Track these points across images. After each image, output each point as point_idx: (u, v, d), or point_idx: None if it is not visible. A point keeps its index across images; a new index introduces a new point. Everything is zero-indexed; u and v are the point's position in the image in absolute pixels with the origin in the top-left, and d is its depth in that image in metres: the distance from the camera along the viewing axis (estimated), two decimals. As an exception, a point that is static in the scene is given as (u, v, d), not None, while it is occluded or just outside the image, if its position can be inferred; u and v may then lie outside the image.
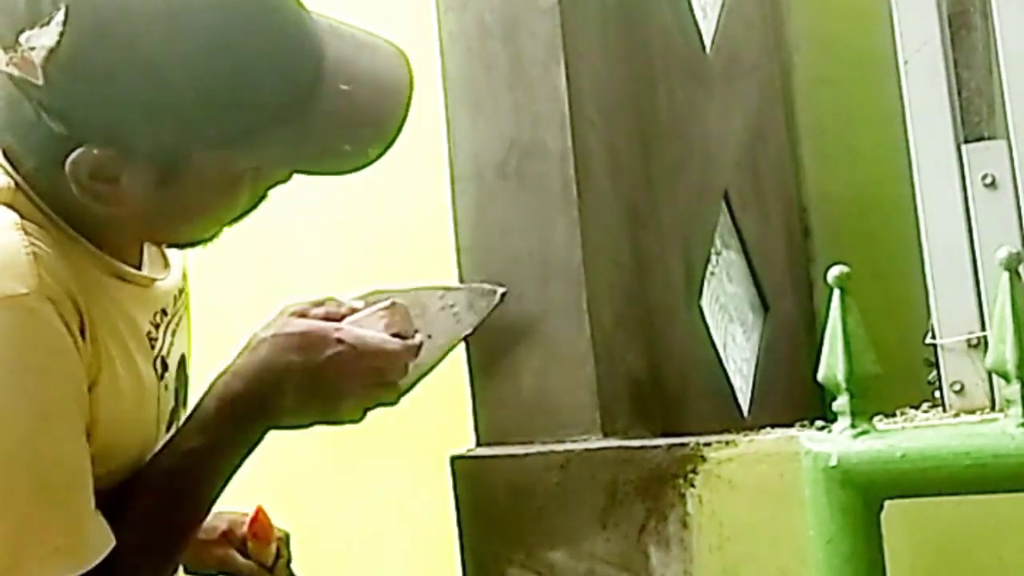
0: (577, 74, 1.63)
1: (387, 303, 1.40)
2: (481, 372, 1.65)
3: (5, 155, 1.27)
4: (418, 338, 1.41)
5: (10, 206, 1.25)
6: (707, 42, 2.03)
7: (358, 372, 1.36)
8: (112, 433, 1.28)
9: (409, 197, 2.10)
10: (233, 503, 1.44)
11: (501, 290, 1.61)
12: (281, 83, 1.25)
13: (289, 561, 1.59)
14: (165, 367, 1.38)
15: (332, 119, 1.28)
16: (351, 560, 2.18)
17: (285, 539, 1.59)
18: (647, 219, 1.78)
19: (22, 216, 1.25)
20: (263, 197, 1.35)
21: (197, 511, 1.35)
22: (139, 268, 1.37)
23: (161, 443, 1.36)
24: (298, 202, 2.15)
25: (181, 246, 1.41)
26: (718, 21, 2.07)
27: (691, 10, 1.99)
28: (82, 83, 1.21)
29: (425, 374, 1.54)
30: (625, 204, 1.72)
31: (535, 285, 1.62)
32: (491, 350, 1.64)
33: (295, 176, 1.33)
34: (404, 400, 1.42)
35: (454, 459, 1.63)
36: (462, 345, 1.64)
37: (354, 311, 1.41)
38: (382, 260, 2.13)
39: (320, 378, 1.34)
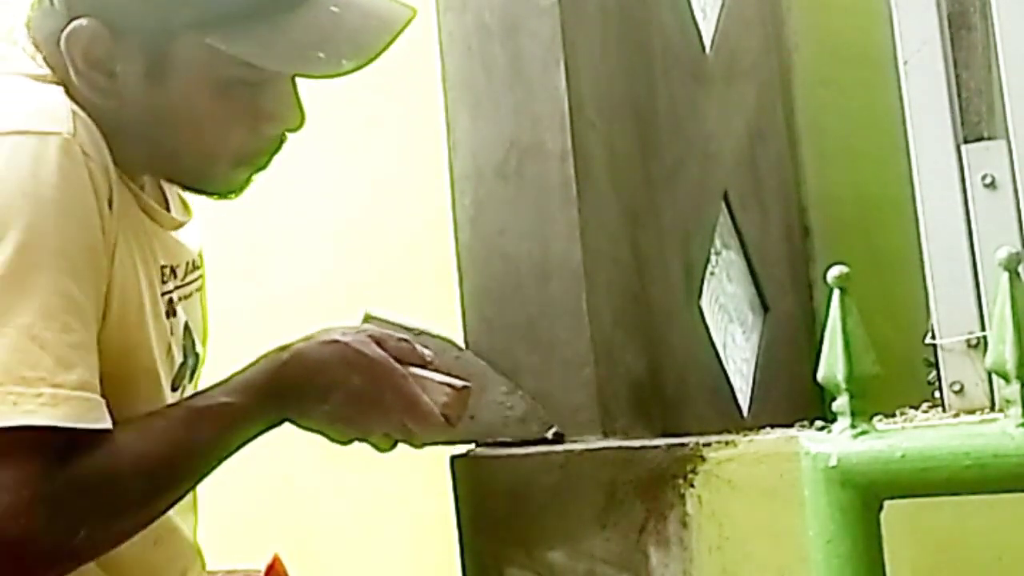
0: (577, 74, 1.63)
1: (461, 385, 1.38)
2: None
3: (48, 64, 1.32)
4: (464, 418, 1.41)
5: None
6: (707, 42, 2.03)
7: (396, 421, 1.36)
8: (119, 354, 1.28)
9: (409, 197, 2.10)
10: (234, 504, 1.44)
11: (554, 431, 1.60)
12: None
13: None
14: (173, 311, 1.39)
15: (313, 30, 1.30)
16: (351, 560, 2.18)
17: None
18: (647, 219, 1.78)
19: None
20: (279, 145, 1.36)
21: (197, 462, 1.32)
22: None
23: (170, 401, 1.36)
24: (297, 202, 2.16)
25: (206, 193, 1.40)
26: (718, 21, 2.07)
27: (691, 10, 1.99)
28: None
29: (448, 442, 1.55)
30: (625, 204, 1.72)
31: (535, 285, 1.62)
32: (491, 350, 1.64)
33: (294, 179, 1.34)
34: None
35: (454, 459, 1.63)
36: (461, 346, 1.64)
37: (425, 363, 1.39)
38: (382, 260, 2.13)
39: (364, 409, 1.35)
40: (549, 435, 1.60)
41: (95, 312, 1.23)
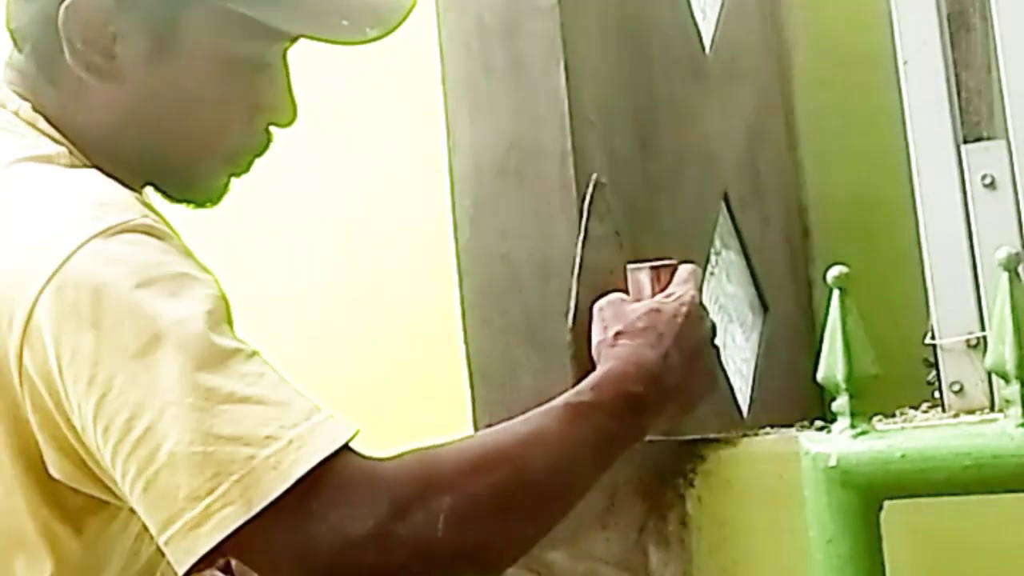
0: (577, 74, 1.63)
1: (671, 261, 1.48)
2: (481, 372, 1.65)
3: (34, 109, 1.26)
4: None
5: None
6: (707, 42, 2.03)
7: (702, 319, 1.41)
8: None
9: (409, 197, 2.10)
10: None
11: None
12: None
13: None
14: None
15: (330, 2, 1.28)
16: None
17: None
18: (647, 219, 1.78)
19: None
20: (266, 144, 1.33)
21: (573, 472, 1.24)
22: None
23: None
24: (297, 202, 2.15)
25: (185, 200, 1.35)
26: (718, 21, 2.06)
27: (691, 10, 1.99)
28: None
29: None
30: (625, 204, 1.72)
31: (535, 285, 1.62)
32: (491, 350, 1.64)
33: (293, 179, 1.33)
34: (404, 400, 1.42)
35: (454, 459, 1.63)
36: (461, 346, 1.64)
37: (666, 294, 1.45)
38: (382, 260, 2.13)
39: (692, 338, 1.38)
40: None
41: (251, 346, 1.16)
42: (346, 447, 1.11)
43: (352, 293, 2.07)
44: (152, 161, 1.30)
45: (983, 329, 1.47)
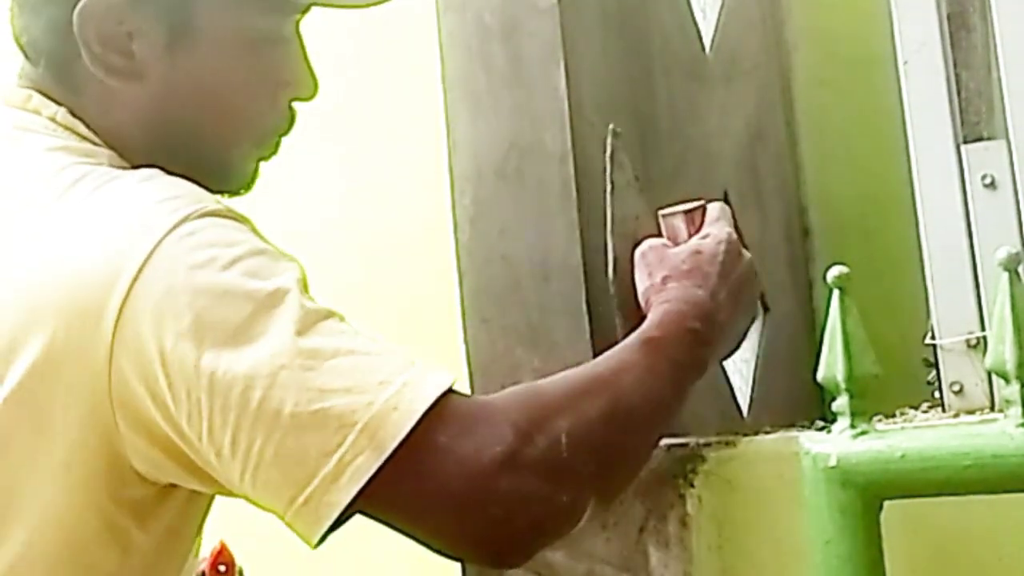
0: (577, 74, 1.63)
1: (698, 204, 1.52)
2: (480, 372, 1.65)
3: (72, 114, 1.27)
4: None
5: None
6: (707, 42, 2.03)
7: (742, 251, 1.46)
8: None
9: (409, 197, 2.10)
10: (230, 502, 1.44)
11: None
12: None
13: None
14: None
15: None
16: (351, 559, 2.18)
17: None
18: (647, 219, 1.78)
19: None
20: (291, 122, 1.34)
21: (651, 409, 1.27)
22: None
23: None
24: (296, 201, 2.16)
25: (220, 189, 1.35)
26: (718, 21, 2.07)
27: (691, 10, 1.99)
28: None
29: None
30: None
31: (535, 285, 1.62)
32: (491, 350, 1.64)
33: (293, 179, 1.34)
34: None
35: (454, 459, 1.62)
36: (461, 346, 1.64)
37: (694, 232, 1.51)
38: (381, 260, 2.13)
39: (735, 275, 1.43)
40: None
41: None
42: (452, 389, 1.13)
43: (352, 292, 2.06)
44: (186, 154, 1.30)
45: (983, 329, 1.47)
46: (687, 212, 1.53)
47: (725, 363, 1.94)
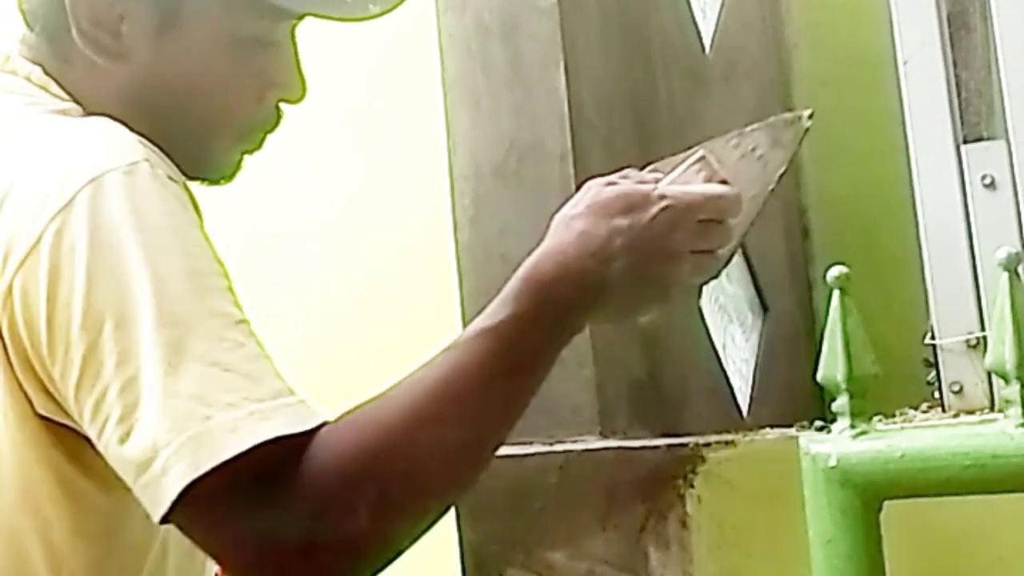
0: (576, 74, 1.63)
1: (697, 155, 1.25)
2: (481, 372, 1.65)
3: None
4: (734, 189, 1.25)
5: None
6: (707, 42, 2.03)
7: (690, 228, 1.20)
8: None
9: (409, 197, 2.10)
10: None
11: (807, 113, 1.32)
12: None
13: None
14: None
15: None
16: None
17: None
18: (647, 219, 1.78)
19: None
20: (277, 121, 1.34)
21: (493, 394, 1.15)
22: None
23: None
24: (296, 201, 2.15)
25: (200, 177, 1.34)
26: (717, 21, 2.07)
27: (691, 10, 1.99)
28: None
29: (744, 235, 1.31)
30: (625, 204, 1.72)
31: (535, 285, 1.62)
32: (491, 350, 1.64)
33: (293, 179, 1.33)
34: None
35: (454, 459, 1.63)
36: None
37: (657, 179, 1.26)
38: (381, 260, 2.13)
39: (650, 238, 1.19)
40: (803, 119, 1.33)
41: (245, 315, 1.15)
42: (309, 434, 1.09)
43: (352, 292, 2.07)
44: (162, 138, 1.30)
45: (983, 329, 1.47)
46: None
47: (725, 363, 1.94)
